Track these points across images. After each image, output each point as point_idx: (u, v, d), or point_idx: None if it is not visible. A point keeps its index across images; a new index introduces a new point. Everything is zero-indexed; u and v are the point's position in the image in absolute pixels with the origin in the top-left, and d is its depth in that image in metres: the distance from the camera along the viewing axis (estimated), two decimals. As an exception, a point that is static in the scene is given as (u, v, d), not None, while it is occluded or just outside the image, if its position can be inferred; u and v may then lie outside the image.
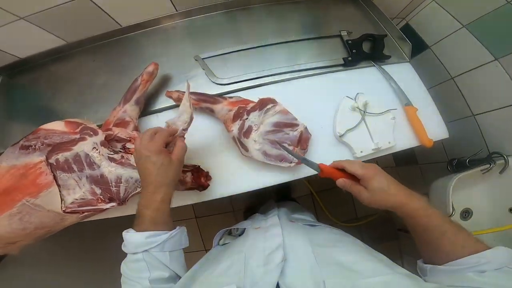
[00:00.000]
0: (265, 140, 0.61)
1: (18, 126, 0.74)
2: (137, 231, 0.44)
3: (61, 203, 0.55)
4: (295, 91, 0.72)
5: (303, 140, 0.62)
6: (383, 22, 0.82)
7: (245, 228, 0.58)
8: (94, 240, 1.07)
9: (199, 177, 0.61)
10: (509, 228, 0.72)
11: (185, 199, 0.65)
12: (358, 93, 0.71)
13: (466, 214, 0.82)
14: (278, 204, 0.84)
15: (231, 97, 0.65)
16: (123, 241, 0.45)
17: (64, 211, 0.55)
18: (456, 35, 0.76)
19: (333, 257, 0.37)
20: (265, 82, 0.71)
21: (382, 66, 0.76)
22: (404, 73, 0.77)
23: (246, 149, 0.60)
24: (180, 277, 0.44)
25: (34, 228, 0.56)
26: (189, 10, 0.78)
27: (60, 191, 0.55)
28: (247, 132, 0.60)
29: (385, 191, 0.43)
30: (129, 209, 0.62)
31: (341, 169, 0.48)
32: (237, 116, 0.61)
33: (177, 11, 0.77)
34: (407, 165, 1.28)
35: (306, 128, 0.63)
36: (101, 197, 0.57)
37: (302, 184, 1.52)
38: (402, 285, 0.31)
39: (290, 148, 0.61)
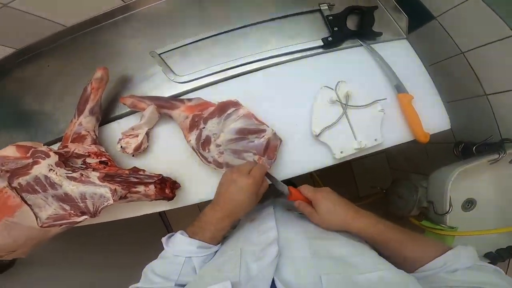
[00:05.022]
0: (226, 150, 0.55)
1: None
2: (190, 237, 0.45)
3: (37, 220, 0.56)
4: (265, 83, 0.63)
5: (270, 148, 0.56)
6: None
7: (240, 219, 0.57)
8: (103, 238, 1.12)
9: (163, 189, 0.58)
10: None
11: (156, 206, 0.64)
12: (339, 82, 0.61)
13: (469, 204, 0.75)
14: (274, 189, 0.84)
15: (190, 100, 0.59)
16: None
17: (41, 227, 0.57)
18: (468, 4, 0.60)
19: (329, 250, 0.37)
20: (231, 75, 0.63)
21: (372, 45, 0.63)
22: (399, 52, 0.64)
23: (207, 160, 0.56)
24: None
25: (24, 240, 0.59)
26: None
27: (32, 209, 0.56)
28: (205, 143, 0.55)
29: (331, 213, 0.44)
30: (124, 213, 0.65)
31: None
32: (193, 125, 0.55)
33: (124, 2, 0.67)
34: (412, 143, 1.17)
35: (274, 133, 0.57)
36: (72, 211, 0.57)
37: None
38: (397, 280, 0.31)
39: (256, 157, 0.56)
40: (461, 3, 0.60)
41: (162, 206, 0.64)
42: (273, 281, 0.31)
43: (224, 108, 0.56)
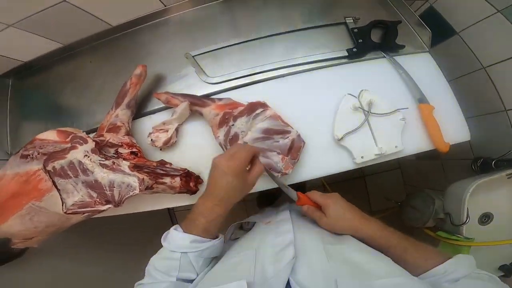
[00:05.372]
0: (252, 148, 0.58)
1: (32, 126, 0.79)
2: (184, 231, 0.44)
3: (62, 205, 0.59)
4: (291, 88, 0.66)
5: (294, 149, 0.58)
6: (398, 6, 0.71)
7: (255, 222, 0.58)
8: (113, 235, 1.14)
9: (188, 182, 0.61)
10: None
11: (177, 200, 0.66)
12: (362, 90, 0.64)
13: (486, 218, 0.74)
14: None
15: (220, 99, 0.62)
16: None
17: (65, 213, 0.59)
18: (490, 20, 0.63)
19: (344, 255, 0.37)
20: (259, 79, 0.66)
21: (395, 57, 0.66)
22: (421, 65, 0.67)
23: (233, 157, 0.58)
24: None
25: (44, 226, 0.61)
26: (179, 4, 0.73)
27: (60, 195, 0.58)
28: (233, 140, 0.58)
29: (340, 217, 0.47)
30: (145, 206, 0.68)
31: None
32: (223, 122, 0.58)
33: (165, 6, 0.73)
34: (429, 160, 1.17)
35: (299, 135, 0.59)
36: (98, 199, 0.60)
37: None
38: (413, 287, 0.31)
39: (279, 157, 0.58)
40: (483, 19, 0.64)
41: (183, 200, 0.66)
42: (288, 282, 0.31)
43: (253, 108, 0.59)
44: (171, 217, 1.61)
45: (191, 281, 0.43)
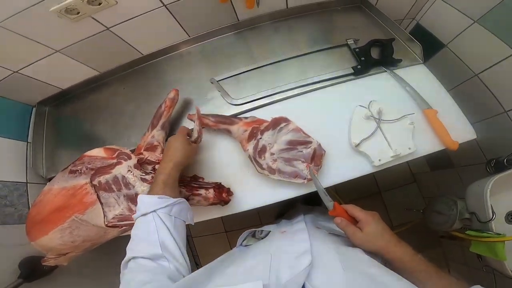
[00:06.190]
0: (279, 158, 0.63)
1: (66, 152, 0.84)
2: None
3: (104, 218, 0.63)
4: (307, 105, 0.74)
5: (316, 157, 0.64)
6: (390, 25, 0.82)
7: (269, 231, 0.60)
8: None
9: (220, 193, 0.65)
10: None
11: (208, 213, 0.69)
12: (371, 101, 0.71)
13: (512, 217, 0.75)
14: (304, 208, 0.86)
15: (246, 118, 0.70)
16: None
17: (106, 225, 0.63)
18: (470, 31, 0.73)
19: (359, 267, 0.38)
20: (278, 98, 0.74)
21: (394, 71, 0.75)
22: (419, 75, 0.75)
23: (261, 167, 0.63)
24: (182, 252, 0.47)
25: (82, 241, 0.64)
26: (201, 34, 0.84)
27: (102, 208, 0.63)
28: (261, 151, 0.64)
29: (377, 236, 0.48)
30: None
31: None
32: (251, 136, 0.65)
33: (189, 36, 0.83)
34: (443, 169, 1.20)
35: (319, 145, 0.65)
36: None
37: (329, 193, 1.49)
38: None
39: (304, 165, 0.63)
40: (464, 30, 0.72)
41: (214, 213, 0.69)
42: (303, 287, 0.32)
43: (277, 123, 0.66)
44: (188, 241, 1.60)
45: (171, 247, 0.45)
